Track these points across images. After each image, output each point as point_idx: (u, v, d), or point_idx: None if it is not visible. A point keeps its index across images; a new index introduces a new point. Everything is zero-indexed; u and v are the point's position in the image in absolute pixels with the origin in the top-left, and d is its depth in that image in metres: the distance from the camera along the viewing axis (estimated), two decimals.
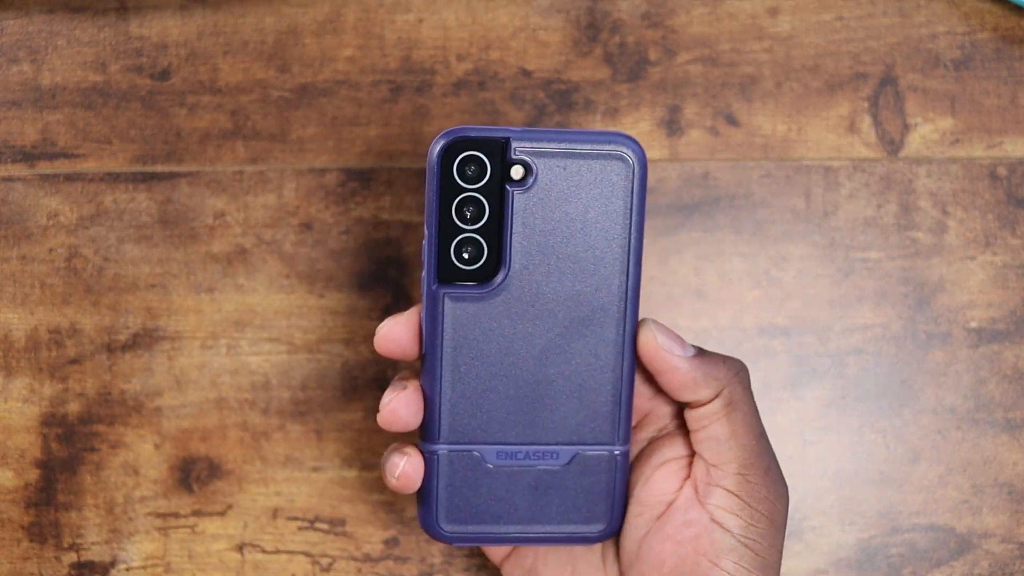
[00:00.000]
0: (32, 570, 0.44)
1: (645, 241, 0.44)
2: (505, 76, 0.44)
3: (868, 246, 0.44)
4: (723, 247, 0.44)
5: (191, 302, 0.44)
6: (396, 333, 0.35)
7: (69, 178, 0.44)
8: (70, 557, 0.44)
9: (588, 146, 0.33)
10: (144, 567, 0.44)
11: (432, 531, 0.36)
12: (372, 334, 0.44)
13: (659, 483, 0.36)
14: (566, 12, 0.44)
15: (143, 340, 0.44)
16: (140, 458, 0.44)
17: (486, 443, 0.35)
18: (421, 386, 0.35)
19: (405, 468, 0.35)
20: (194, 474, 0.44)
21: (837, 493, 0.44)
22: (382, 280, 0.44)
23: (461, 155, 0.33)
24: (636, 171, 0.33)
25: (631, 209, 0.34)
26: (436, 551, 0.44)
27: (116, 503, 0.44)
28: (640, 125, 0.44)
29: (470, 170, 0.33)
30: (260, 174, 0.44)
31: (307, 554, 0.44)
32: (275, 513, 0.44)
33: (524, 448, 0.35)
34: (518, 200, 0.33)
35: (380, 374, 0.44)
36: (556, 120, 0.44)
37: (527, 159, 0.33)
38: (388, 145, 0.44)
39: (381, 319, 0.44)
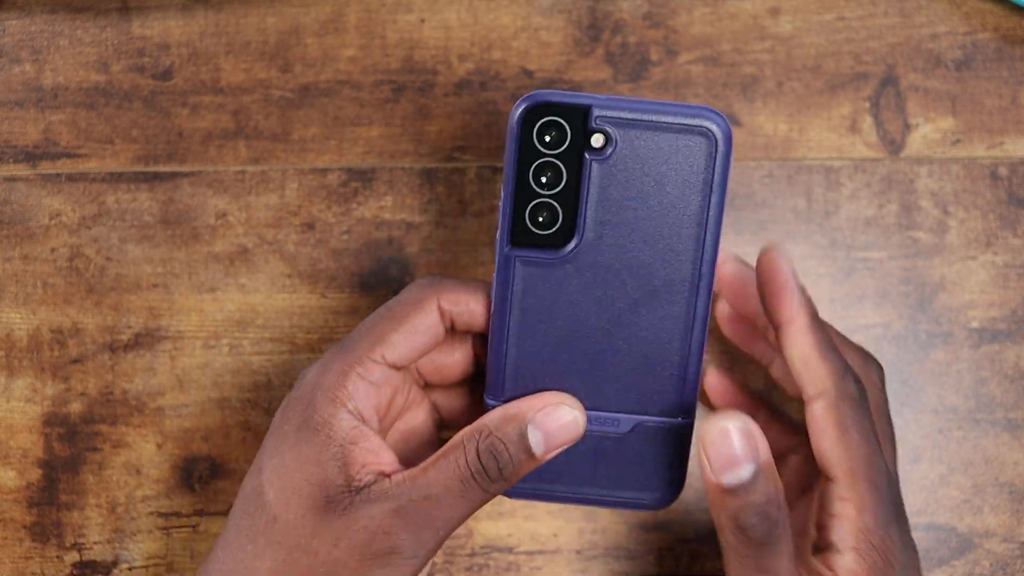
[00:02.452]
0: (34, 570, 0.44)
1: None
2: (507, 76, 0.44)
3: (869, 246, 0.44)
4: (724, 247, 0.44)
5: (193, 302, 0.44)
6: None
7: (71, 178, 0.44)
8: (72, 556, 0.44)
9: (672, 118, 0.33)
10: (146, 567, 0.44)
11: None
12: None
13: None
14: (568, 12, 0.44)
15: (145, 340, 0.44)
16: (142, 458, 0.44)
17: None
18: (488, 343, 0.35)
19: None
20: (196, 474, 0.44)
21: None
22: (384, 280, 0.44)
23: (542, 120, 0.33)
24: (720, 147, 0.33)
25: (711, 186, 0.33)
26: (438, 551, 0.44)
27: (118, 503, 0.44)
28: None
29: (550, 136, 0.33)
30: (262, 174, 0.44)
31: None
32: None
33: (588, 414, 0.35)
34: (596, 169, 0.33)
35: None
36: None
37: (608, 128, 0.33)
38: (390, 145, 0.44)
39: None
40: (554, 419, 0.33)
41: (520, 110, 0.33)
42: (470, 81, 0.44)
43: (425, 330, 0.35)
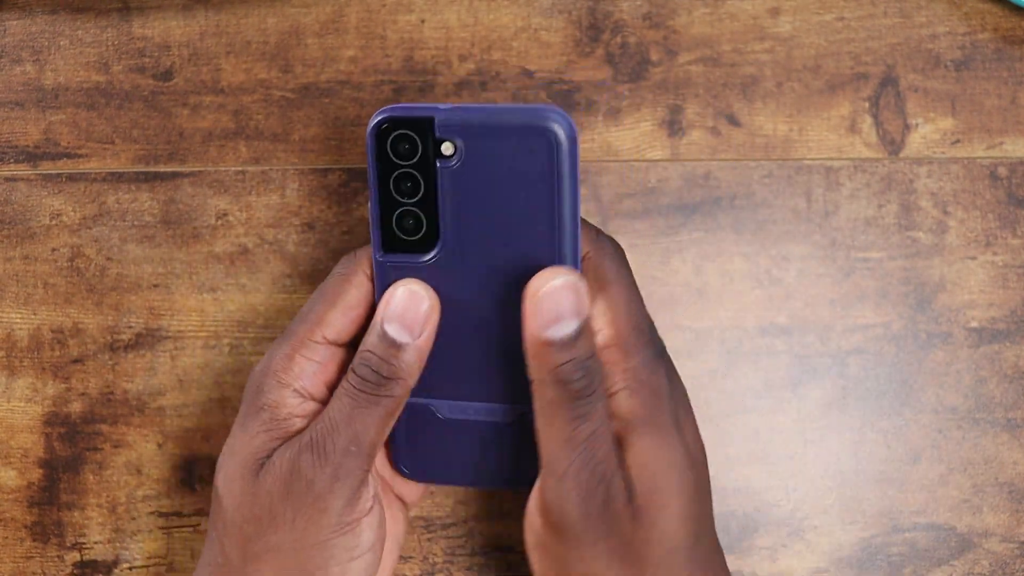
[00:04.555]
0: (35, 569, 0.44)
1: (650, 239, 0.44)
2: (507, 76, 0.44)
3: (869, 246, 0.44)
4: (724, 247, 0.44)
5: (194, 302, 0.44)
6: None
7: (72, 178, 0.44)
8: (73, 556, 0.44)
9: (513, 120, 0.34)
10: (147, 566, 0.44)
11: (398, 469, 0.39)
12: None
13: None
14: (568, 12, 0.44)
15: (146, 340, 0.44)
16: (143, 457, 0.44)
17: (439, 397, 0.37)
18: None
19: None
20: (197, 473, 0.44)
21: (838, 492, 0.44)
22: None
23: (393, 134, 0.34)
24: (562, 142, 0.34)
25: (558, 181, 0.34)
26: (439, 550, 0.44)
27: (119, 502, 0.44)
28: (642, 125, 0.44)
29: (403, 148, 0.35)
30: (263, 174, 0.44)
31: None
32: None
33: (473, 404, 0.37)
34: (448, 175, 0.35)
35: None
36: None
37: (454, 136, 0.34)
38: None
39: None
40: (396, 303, 0.34)
41: (372, 126, 0.34)
42: (470, 81, 0.44)
43: (357, 303, 0.36)
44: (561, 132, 0.34)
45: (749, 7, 0.44)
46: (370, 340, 0.34)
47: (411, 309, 0.34)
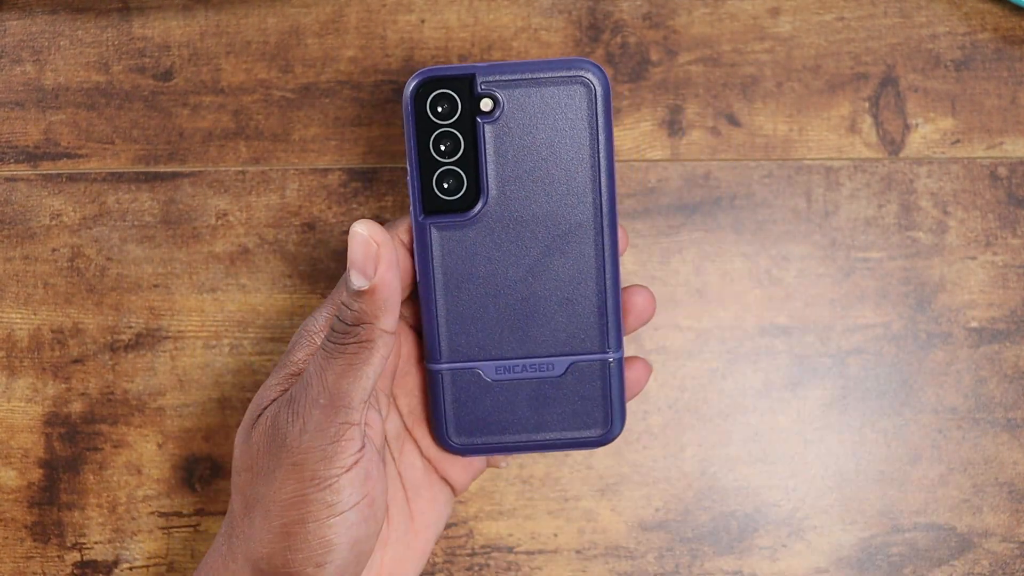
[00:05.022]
0: (35, 569, 0.44)
1: (650, 239, 0.44)
2: None
3: (869, 246, 0.44)
4: (724, 247, 0.44)
5: (194, 302, 0.44)
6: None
7: (72, 178, 0.44)
8: (73, 556, 0.44)
9: (551, 73, 0.35)
10: (147, 566, 0.44)
11: (444, 444, 0.38)
12: None
13: None
14: (568, 12, 0.44)
15: (146, 340, 0.44)
16: (143, 457, 0.44)
17: (485, 359, 0.37)
18: (420, 311, 0.37)
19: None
20: (197, 473, 0.44)
21: (838, 492, 0.44)
22: None
23: (432, 94, 0.35)
24: (598, 93, 0.35)
25: (596, 129, 0.36)
26: (439, 550, 0.44)
27: (119, 502, 0.44)
28: (642, 125, 0.44)
29: (442, 107, 0.35)
30: (263, 174, 0.44)
31: None
32: None
33: (521, 362, 0.37)
34: (489, 131, 0.36)
35: None
36: None
37: (494, 91, 0.35)
38: (390, 145, 0.44)
39: None
40: (352, 252, 0.33)
41: (411, 87, 0.35)
42: None
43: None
44: (597, 80, 0.35)
45: (749, 7, 0.44)
46: (342, 295, 0.34)
47: (360, 252, 0.33)
